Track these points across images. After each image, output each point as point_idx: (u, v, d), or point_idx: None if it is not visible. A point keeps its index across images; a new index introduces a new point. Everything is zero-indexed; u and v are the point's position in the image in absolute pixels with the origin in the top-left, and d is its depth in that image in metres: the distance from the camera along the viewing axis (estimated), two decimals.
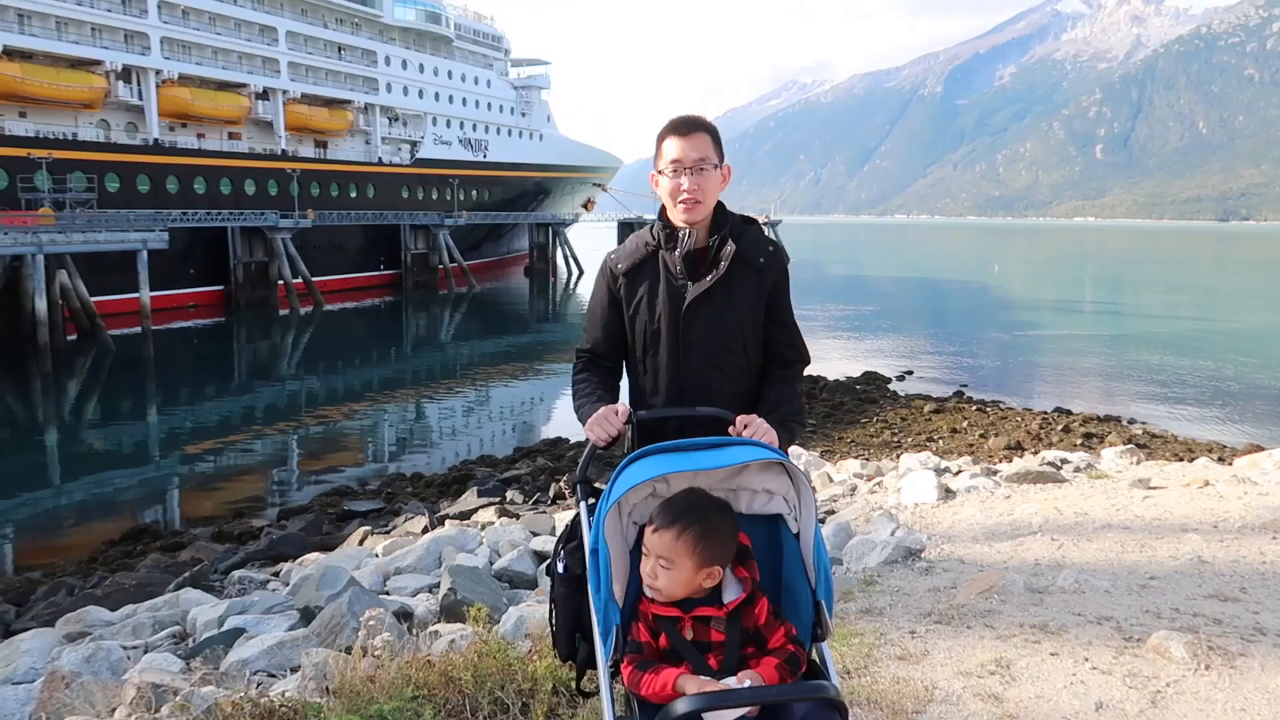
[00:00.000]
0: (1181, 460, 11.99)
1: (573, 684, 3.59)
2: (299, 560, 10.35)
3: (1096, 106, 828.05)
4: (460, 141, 66.27)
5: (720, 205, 2.76)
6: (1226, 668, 3.68)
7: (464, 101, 66.87)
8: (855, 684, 3.58)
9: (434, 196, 62.64)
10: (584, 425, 2.57)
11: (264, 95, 52.25)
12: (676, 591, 2.12)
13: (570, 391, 2.84)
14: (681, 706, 1.82)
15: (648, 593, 2.18)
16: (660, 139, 2.70)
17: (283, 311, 43.72)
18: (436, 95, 64.26)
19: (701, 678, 2.03)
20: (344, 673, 3.97)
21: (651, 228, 2.77)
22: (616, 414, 2.53)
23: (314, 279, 46.03)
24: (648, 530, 2.17)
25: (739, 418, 2.44)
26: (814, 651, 2.26)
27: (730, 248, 2.68)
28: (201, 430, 21.78)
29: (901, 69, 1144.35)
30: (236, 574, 10.29)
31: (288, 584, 8.54)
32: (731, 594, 2.15)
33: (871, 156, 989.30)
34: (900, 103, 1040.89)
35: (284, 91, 52.87)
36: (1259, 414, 21.88)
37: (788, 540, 2.31)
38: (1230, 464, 9.57)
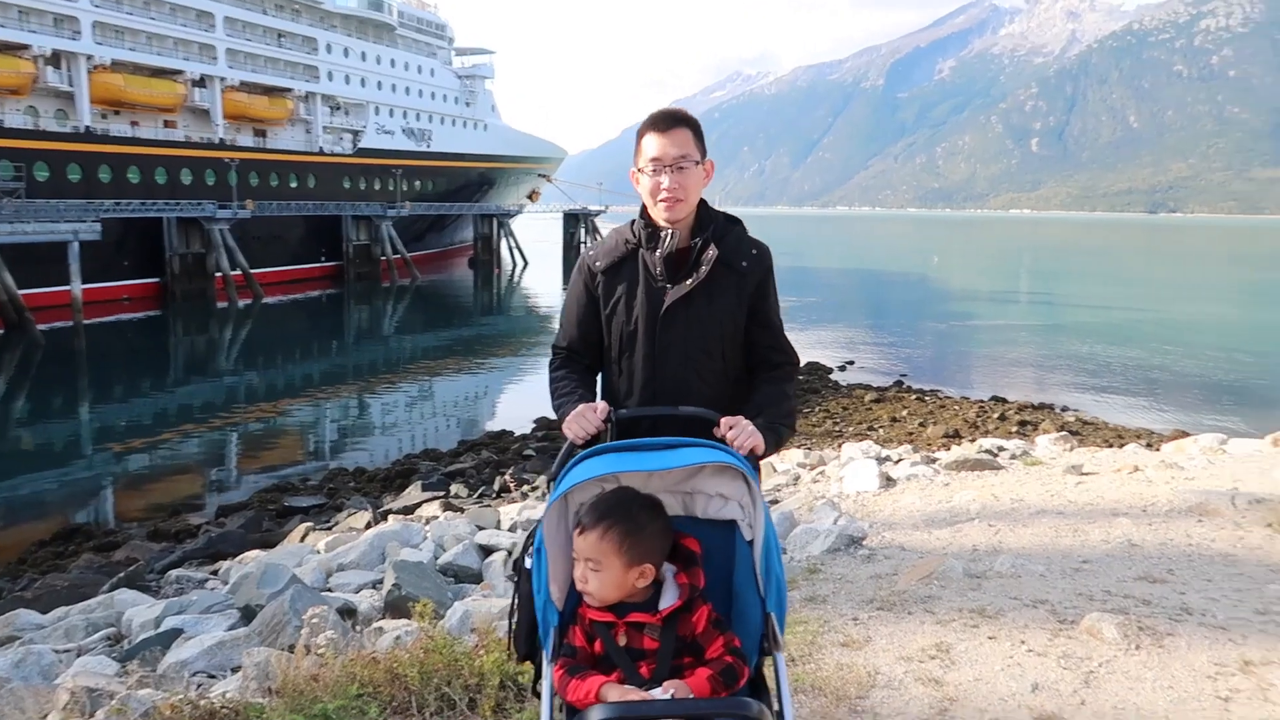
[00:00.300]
0: (1112, 447, 12.34)
1: (520, 678, 3.59)
2: (238, 558, 10.16)
3: (1032, 100, 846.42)
4: (403, 131, 65.39)
5: (703, 203, 2.69)
6: (1155, 647, 3.81)
7: (407, 90, 65.95)
8: (800, 671, 3.63)
9: (376, 187, 61.73)
10: (562, 423, 2.50)
11: (200, 82, 50.90)
12: (608, 594, 2.08)
13: (548, 387, 2.75)
14: (593, 716, 1.79)
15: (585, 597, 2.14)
16: (639, 135, 2.63)
17: (221, 304, 42.73)
18: (379, 84, 63.28)
19: (626, 687, 1.98)
20: (287, 672, 3.91)
21: (632, 225, 2.70)
22: (595, 411, 2.47)
23: (253, 271, 45.05)
24: (575, 533, 2.12)
25: (724, 419, 2.38)
26: (768, 665, 2.18)
27: (712, 252, 2.60)
28: (136, 427, 21.22)
29: (844, 61, 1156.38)
30: (174, 573, 10.05)
31: (227, 583, 8.38)
32: (668, 600, 2.09)
33: (815, 148, 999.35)
34: (843, 95, 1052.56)
35: (221, 79, 51.57)
36: (1184, 401, 22.60)
37: (741, 548, 2.23)
38: (1158, 450, 9.89)
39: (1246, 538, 5.47)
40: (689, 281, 2.59)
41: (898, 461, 9.08)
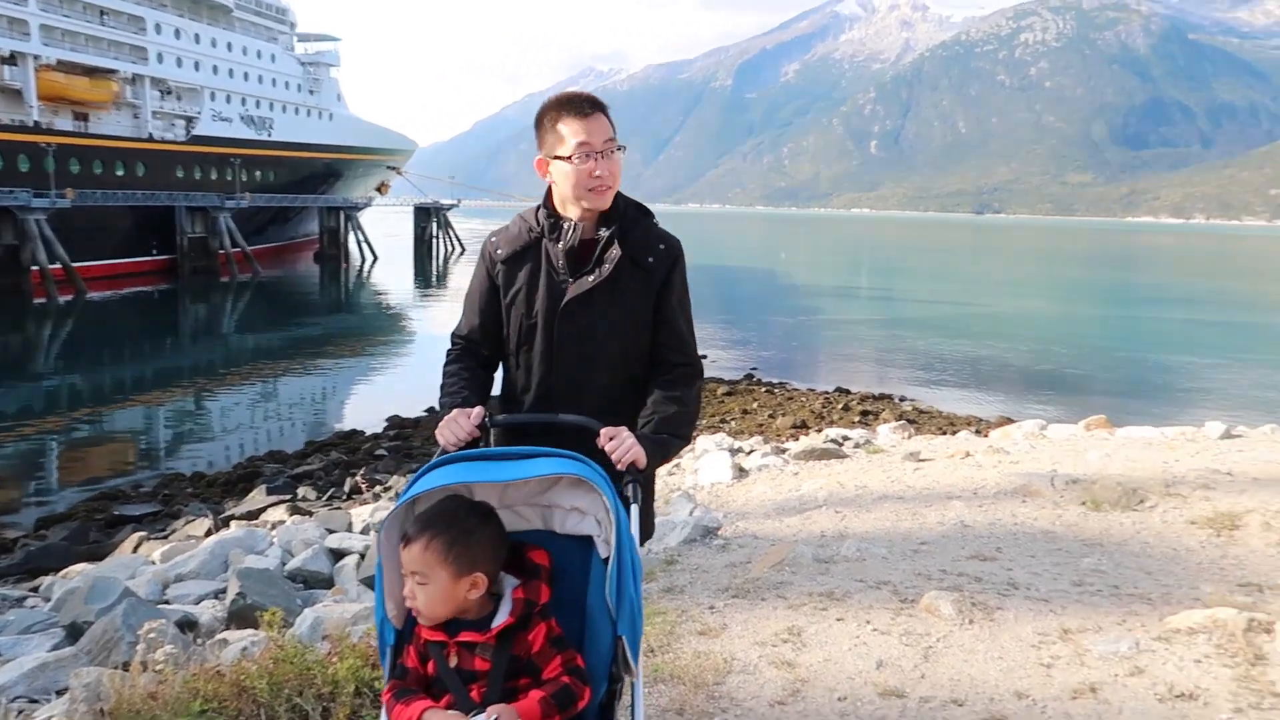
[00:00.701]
0: (946, 434, 13.10)
1: (377, 685, 3.50)
2: (62, 573, 9.44)
3: (871, 104, 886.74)
4: (242, 119, 62.18)
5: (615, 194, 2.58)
6: (986, 621, 4.08)
7: (245, 76, 62.73)
8: (659, 661, 3.70)
9: (213, 177, 58.46)
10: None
11: (10, 60, 46.80)
12: (437, 610, 1.96)
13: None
14: None
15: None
16: (552, 121, 2.45)
17: (38, 300, 39.53)
18: (215, 68, 59.90)
19: (450, 713, 1.88)
20: (121, 691, 3.68)
21: (536, 213, 2.57)
22: (469, 417, 2.33)
23: (76, 265, 41.89)
24: (400, 547, 1.98)
25: (605, 430, 2.27)
26: (625, 692, 2.08)
27: (616, 251, 2.48)
28: None
29: (694, 61, 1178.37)
30: None
31: (49, 599, 7.78)
32: (502, 616, 1.97)
33: (666, 146, 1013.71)
34: (693, 94, 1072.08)
35: (35, 56, 47.57)
36: (1008, 390, 24.22)
37: (596, 565, 2.11)
38: (986, 436, 10.57)
39: (1064, 515, 5.92)
40: (590, 278, 2.48)
41: (749, 453, 9.35)
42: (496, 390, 2.75)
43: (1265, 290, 60.67)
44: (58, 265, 41.20)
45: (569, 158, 2.43)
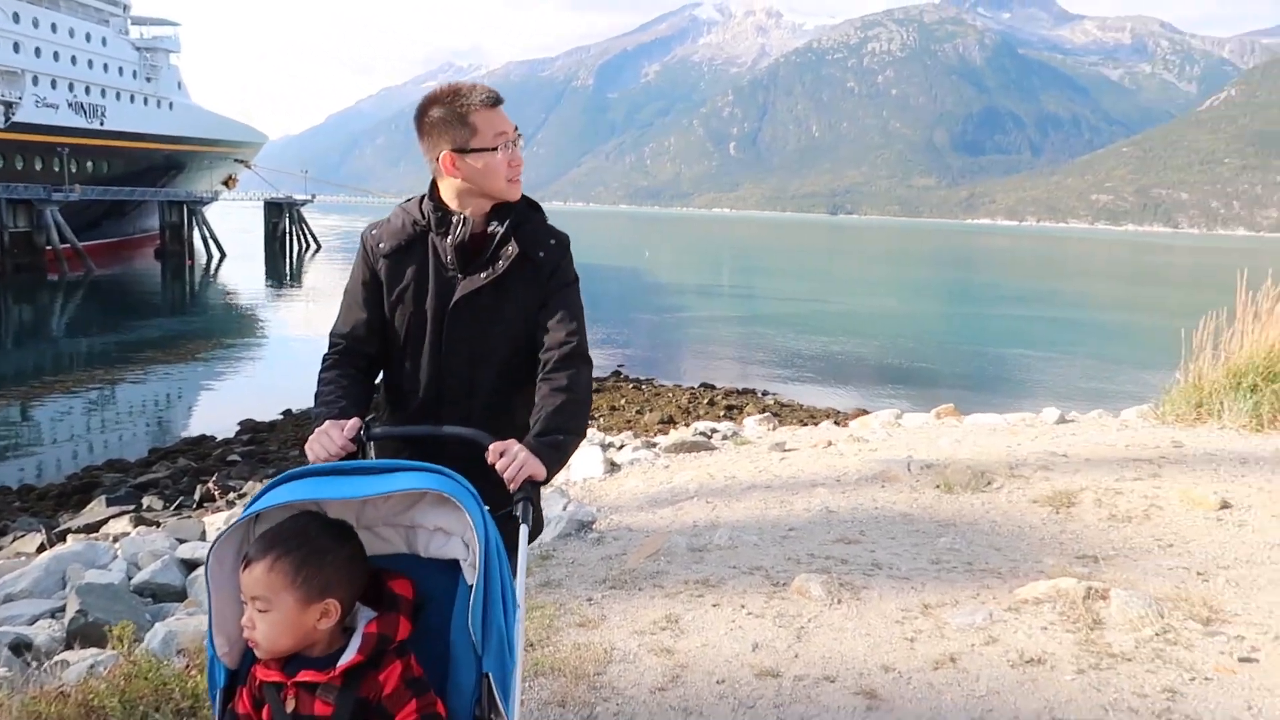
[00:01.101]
0: (807, 425, 13.54)
1: None
2: None
3: (729, 107, 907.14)
4: (70, 105, 57.95)
5: None
6: (853, 600, 4.24)
7: (74, 60, 58.46)
8: (539, 655, 3.67)
9: (38, 167, 54.27)
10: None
11: None
12: (280, 642, 1.72)
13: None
14: None
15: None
16: (459, 113, 2.35)
17: None
18: (38, 50, 55.53)
19: None
20: None
21: (420, 204, 2.44)
22: (343, 429, 2.14)
23: None
24: (239, 570, 1.75)
25: (494, 446, 2.12)
26: None
27: (512, 247, 2.39)
28: None
29: (555, 59, 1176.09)
30: None
31: None
32: (350, 654, 1.73)
33: (529, 144, 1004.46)
34: (554, 93, 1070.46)
35: None
36: (863, 382, 25.30)
37: (462, 593, 1.87)
38: (846, 425, 10.99)
39: (920, 498, 6.22)
40: (483, 275, 2.38)
41: (620, 448, 9.40)
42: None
43: (1089, 289, 65.68)
44: None
45: (493, 149, 2.37)
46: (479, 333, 2.39)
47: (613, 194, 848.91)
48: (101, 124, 60.49)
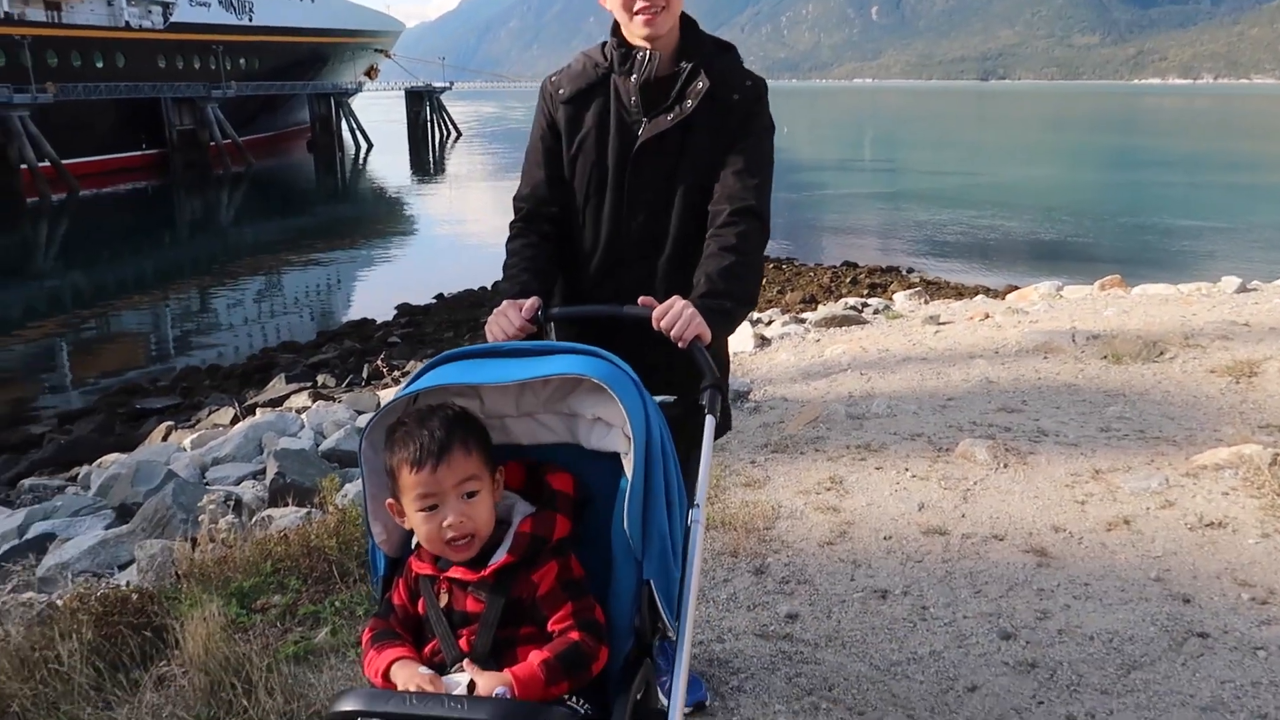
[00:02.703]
0: (961, 299, 13.13)
1: None
2: (96, 463, 9.67)
3: None
4: (220, 3, 59.95)
5: (691, 24, 2.26)
6: (1020, 464, 4.22)
7: None
8: (710, 511, 3.84)
9: (196, 66, 56.73)
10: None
11: None
12: (491, 523, 1.64)
13: None
14: (340, 706, 1.36)
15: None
16: None
17: (31, 200, 39.02)
18: None
19: (422, 672, 1.53)
20: (191, 558, 3.84)
21: (603, 47, 2.26)
22: (521, 309, 2.04)
23: (63, 162, 41.12)
24: (410, 472, 1.59)
25: (656, 311, 1.94)
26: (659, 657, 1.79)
27: (702, 83, 2.17)
28: None
29: None
30: (26, 483, 9.51)
31: (89, 487, 8.00)
32: (500, 554, 1.61)
33: None
34: None
35: None
36: (1015, 258, 24.18)
37: (622, 490, 1.68)
38: (1003, 299, 10.62)
39: (1086, 369, 6.03)
40: (669, 116, 2.18)
41: (769, 323, 9.42)
42: None
43: (1271, 151, 59.71)
44: (46, 163, 40.51)
45: None
46: (662, 183, 2.21)
47: (749, 67, 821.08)
48: (250, 20, 62.40)
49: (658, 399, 1.76)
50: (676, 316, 1.91)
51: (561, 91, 2.27)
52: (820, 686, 2.71)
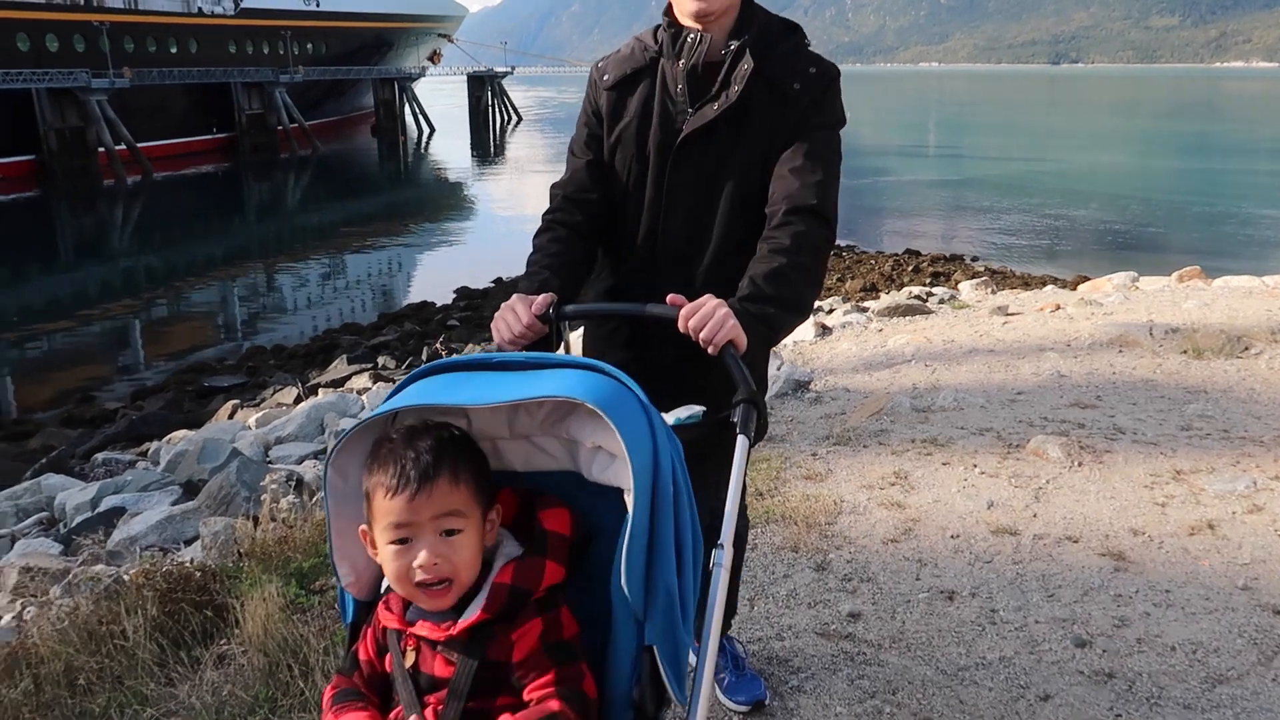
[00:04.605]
0: (1030, 289, 12.79)
1: None
2: (165, 439, 9.93)
3: None
4: None
5: (750, 1, 2.03)
6: (1095, 463, 4.05)
7: None
8: (769, 504, 3.76)
9: (265, 51, 57.85)
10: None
11: None
12: (475, 567, 1.37)
13: None
14: None
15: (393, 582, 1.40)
16: None
17: (107, 182, 40.22)
18: None
19: None
20: (253, 537, 3.88)
21: (656, 30, 2.06)
22: (529, 307, 1.80)
23: (138, 145, 42.28)
24: (385, 498, 1.32)
25: (683, 311, 1.70)
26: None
27: (748, 65, 1.93)
28: (29, 313, 20.16)
29: None
30: (99, 456, 9.84)
31: (159, 463, 8.21)
32: (474, 609, 1.35)
33: None
34: None
35: None
36: (1086, 247, 23.52)
37: (625, 534, 1.37)
38: (1075, 290, 10.29)
39: (1164, 364, 5.79)
40: (714, 106, 1.95)
41: (830, 311, 9.27)
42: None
43: None
44: (122, 146, 41.68)
45: None
46: (705, 182, 2.01)
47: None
48: (317, 6, 63.38)
49: (683, 411, 1.54)
50: (707, 317, 1.67)
51: (606, 77, 2.10)
52: (883, 689, 2.62)
